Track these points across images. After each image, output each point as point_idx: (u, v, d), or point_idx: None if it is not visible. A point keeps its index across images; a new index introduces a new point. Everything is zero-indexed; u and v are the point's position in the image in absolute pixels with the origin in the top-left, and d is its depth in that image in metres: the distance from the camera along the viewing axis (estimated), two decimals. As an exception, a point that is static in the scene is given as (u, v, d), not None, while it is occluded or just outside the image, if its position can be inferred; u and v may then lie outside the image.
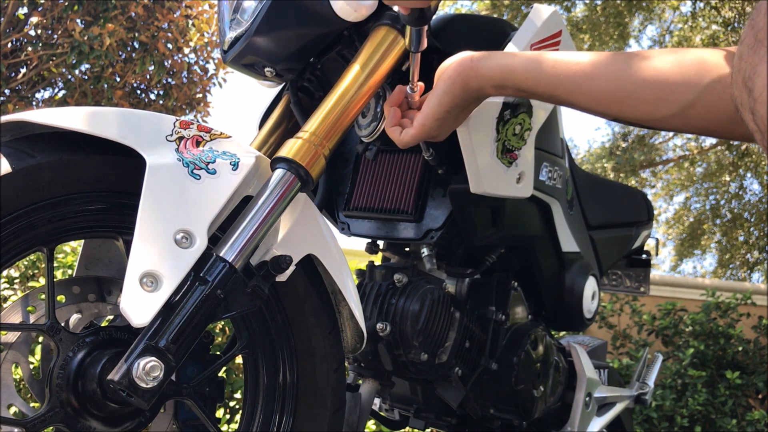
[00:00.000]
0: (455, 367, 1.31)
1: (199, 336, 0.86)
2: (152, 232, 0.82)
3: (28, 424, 0.84)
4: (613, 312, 4.19)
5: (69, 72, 6.17)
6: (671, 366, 3.79)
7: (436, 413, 1.44)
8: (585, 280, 1.57)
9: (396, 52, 1.08)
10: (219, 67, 6.94)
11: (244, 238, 0.88)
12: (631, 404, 1.72)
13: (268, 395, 1.00)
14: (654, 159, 11.49)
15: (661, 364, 1.88)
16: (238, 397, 2.60)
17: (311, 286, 1.01)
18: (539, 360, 1.43)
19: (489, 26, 1.34)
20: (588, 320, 1.60)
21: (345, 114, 1.02)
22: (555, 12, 1.25)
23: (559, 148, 1.47)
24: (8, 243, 0.82)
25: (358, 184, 1.39)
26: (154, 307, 0.81)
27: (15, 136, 0.85)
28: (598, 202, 1.75)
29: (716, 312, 4.05)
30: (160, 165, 0.84)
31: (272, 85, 1.35)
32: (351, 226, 1.40)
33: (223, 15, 1.21)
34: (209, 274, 0.85)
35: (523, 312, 1.50)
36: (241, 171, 0.90)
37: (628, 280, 2.13)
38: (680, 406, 3.63)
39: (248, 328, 0.99)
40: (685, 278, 6.12)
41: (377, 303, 1.28)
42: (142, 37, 6.05)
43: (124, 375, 0.79)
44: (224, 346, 1.40)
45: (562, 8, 9.23)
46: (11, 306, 0.98)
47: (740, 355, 3.89)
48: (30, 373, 0.99)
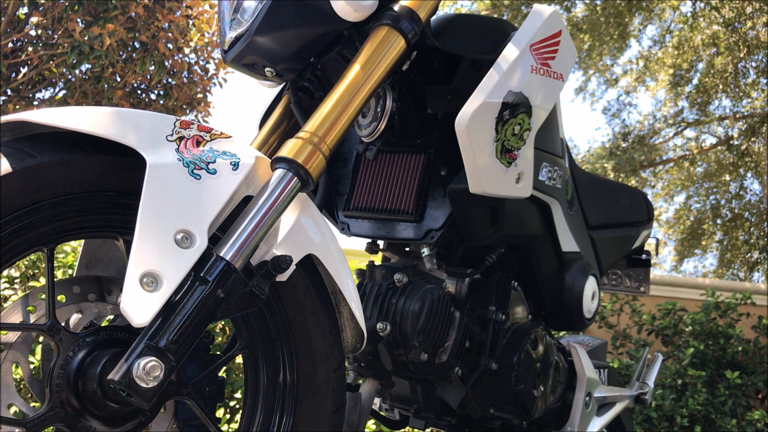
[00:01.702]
0: (455, 367, 1.31)
1: (200, 336, 0.86)
2: (152, 232, 0.82)
3: (29, 423, 0.84)
4: (613, 312, 4.19)
5: (69, 72, 6.16)
6: (671, 366, 3.79)
7: (436, 413, 1.44)
8: (585, 280, 1.57)
9: (396, 52, 1.08)
10: (219, 67, 6.94)
11: (245, 238, 0.88)
12: (631, 404, 1.72)
13: (268, 395, 1.00)
14: (654, 159, 11.48)
15: (660, 364, 1.88)
16: (238, 397, 2.60)
17: (311, 286, 1.01)
18: (539, 360, 1.43)
19: (489, 26, 1.34)
20: (588, 320, 1.60)
21: (345, 114, 1.02)
22: (555, 12, 1.25)
23: (559, 148, 1.47)
24: (8, 243, 0.82)
25: (358, 184, 1.39)
26: (155, 307, 0.81)
27: (15, 136, 0.85)
28: (598, 202, 1.75)
29: (716, 312, 4.05)
30: (160, 165, 0.84)
31: (272, 85, 1.35)
32: (351, 226, 1.40)
33: (224, 15, 1.21)
34: (209, 274, 0.85)
35: (523, 312, 1.50)
36: (242, 171, 0.90)
37: (628, 280, 2.13)
38: (680, 405, 3.63)
39: (248, 328, 0.99)
40: (685, 278, 6.12)
41: (377, 303, 1.28)
42: (143, 37, 6.05)
43: (124, 375, 0.79)
44: (224, 346, 1.40)
45: (562, 8, 9.23)
46: (11, 306, 0.98)
47: (740, 355, 3.89)
48: (30, 373, 0.99)
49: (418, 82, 1.28)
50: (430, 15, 1.14)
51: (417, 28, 1.09)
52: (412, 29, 1.08)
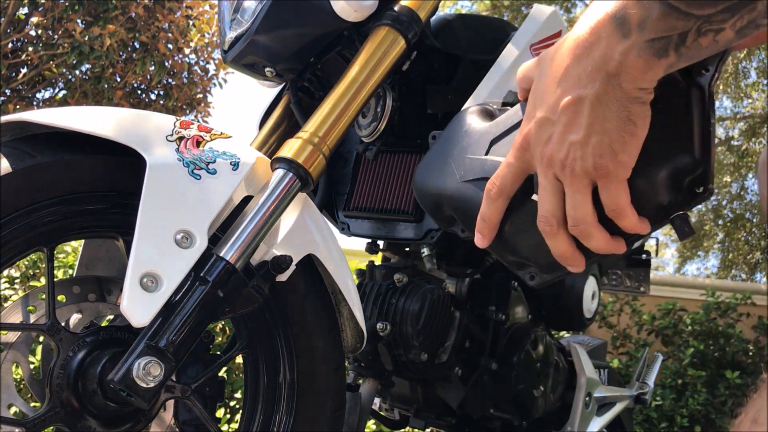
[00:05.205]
0: (455, 367, 1.31)
1: (200, 336, 0.86)
2: (152, 232, 0.82)
3: (29, 424, 0.84)
4: (613, 312, 4.19)
5: (69, 72, 6.17)
6: (671, 366, 3.79)
7: (436, 413, 1.44)
8: (585, 280, 1.57)
9: (396, 52, 1.08)
10: (219, 68, 6.94)
11: (245, 238, 0.88)
12: (631, 404, 1.71)
13: (268, 395, 1.00)
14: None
15: (661, 363, 1.88)
16: (238, 397, 2.60)
17: (311, 286, 1.01)
18: (539, 360, 1.43)
19: (489, 26, 1.34)
20: (588, 320, 1.60)
21: (345, 114, 1.02)
22: (555, 12, 1.25)
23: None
24: (8, 243, 0.82)
25: (358, 184, 1.39)
26: (155, 307, 0.81)
27: (15, 136, 0.85)
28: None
29: (716, 312, 4.05)
30: (160, 165, 0.84)
31: (272, 85, 1.35)
32: (351, 226, 1.40)
33: (224, 15, 1.21)
34: (209, 274, 0.85)
35: (523, 312, 1.50)
36: (242, 171, 0.90)
37: (628, 280, 2.13)
38: (680, 405, 3.63)
39: (248, 328, 0.99)
40: (685, 278, 6.12)
41: (377, 303, 1.28)
42: (143, 37, 6.05)
43: (124, 375, 0.79)
44: (224, 346, 1.40)
45: (562, 8, 9.23)
46: (11, 306, 0.98)
47: (740, 355, 3.89)
48: (30, 373, 0.99)
49: (418, 82, 1.28)
50: (430, 15, 1.14)
51: (417, 28, 1.08)
52: (412, 29, 1.08)
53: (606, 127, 0.58)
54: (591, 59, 0.57)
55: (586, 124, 0.58)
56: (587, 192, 0.62)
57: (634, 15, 0.54)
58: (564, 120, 0.60)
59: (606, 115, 0.57)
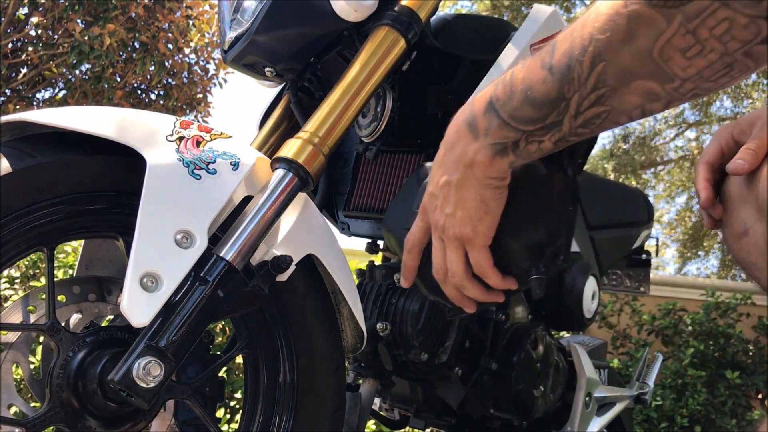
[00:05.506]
0: (455, 367, 1.31)
1: (200, 336, 0.86)
2: (152, 232, 0.82)
3: (29, 424, 0.84)
4: (613, 312, 4.19)
5: (69, 72, 6.17)
6: (671, 366, 3.79)
7: (436, 413, 1.44)
8: (585, 280, 1.57)
9: (396, 52, 1.08)
10: (219, 68, 6.94)
11: (245, 238, 0.88)
12: (631, 404, 1.72)
13: (268, 395, 1.00)
14: (655, 159, 11.48)
15: (661, 364, 1.88)
16: (238, 397, 2.60)
17: (311, 286, 1.01)
18: (539, 360, 1.43)
19: (489, 26, 1.34)
20: (588, 320, 1.60)
21: (345, 114, 1.02)
22: (555, 12, 1.25)
23: (559, 148, 1.47)
24: (8, 243, 0.82)
25: (358, 184, 1.39)
26: (155, 307, 0.81)
27: (15, 136, 0.85)
28: (598, 202, 1.75)
29: (716, 312, 4.05)
30: (160, 165, 0.84)
31: (272, 85, 1.35)
32: (351, 226, 1.40)
33: (224, 15, 1.21)
34: (209, 274, 0.85)
35: (523, 312, 1.50)
36: (242, 171, 0.90)
37: (628, 280, 2.13)
38: (680, 405, 3.63)
39: (248, 328, 0.99)
40: (685, 278, 6.12)
41: (377, 303, 1.28)
42: (143, 37, 6.05)
43: (124, 375, 0.79)
44: (224, 346, 1.40)
45: (562, 8, 9.23)
46: (11, 306, 0.98)
47: (740, 355, 3.89)
48: (30, 373, 0.99)
49: (418, 82, 1.28)
50: (430, 15, 1.14)
51: (417, 28, 1.08)
52: (412, 29, 1.08)
53: (467, 205, 0.73)
54: (454, 153, 0.73)
55: (453, 201, 0.74)
56: (460, 252, 0.76)
57: (481, 124, 0.70)
58: (441, 196, 0.76)
59: (467, 195, 0.73)
